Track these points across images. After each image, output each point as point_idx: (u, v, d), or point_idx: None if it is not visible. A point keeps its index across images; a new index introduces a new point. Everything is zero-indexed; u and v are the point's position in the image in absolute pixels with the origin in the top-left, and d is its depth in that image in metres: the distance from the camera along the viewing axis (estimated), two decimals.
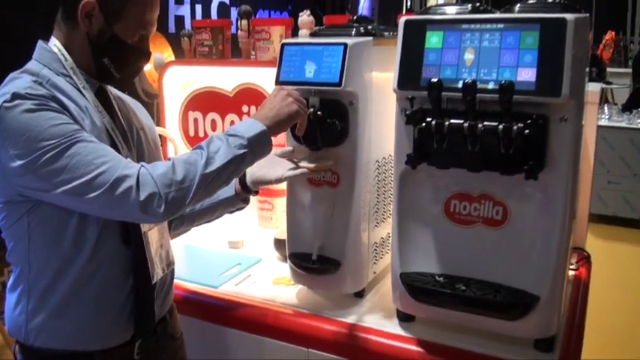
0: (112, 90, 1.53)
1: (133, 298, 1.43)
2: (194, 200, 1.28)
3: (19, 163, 1.22)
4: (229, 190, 1.66)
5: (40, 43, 1.41)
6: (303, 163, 1.55)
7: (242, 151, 1.31)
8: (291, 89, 1.44)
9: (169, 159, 1.30)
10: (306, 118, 1.46)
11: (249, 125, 1.35)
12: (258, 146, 1.34)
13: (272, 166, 1.59)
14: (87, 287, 1.36)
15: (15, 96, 1.23)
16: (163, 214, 1.25)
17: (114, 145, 1.36)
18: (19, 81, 1.29)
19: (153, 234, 1.46)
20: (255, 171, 1.62)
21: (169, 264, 1.55)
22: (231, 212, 1.73)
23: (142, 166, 1.26)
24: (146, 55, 1.46)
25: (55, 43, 1.39)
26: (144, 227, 1.43)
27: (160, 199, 1.23)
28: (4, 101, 1.23)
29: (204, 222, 1.75)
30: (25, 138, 1.21)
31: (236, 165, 1.32)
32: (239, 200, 1.68)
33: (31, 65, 1.36)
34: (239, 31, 2.40)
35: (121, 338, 1.43)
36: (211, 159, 1.28)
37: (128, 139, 1.45)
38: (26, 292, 1.37)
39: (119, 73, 1.42)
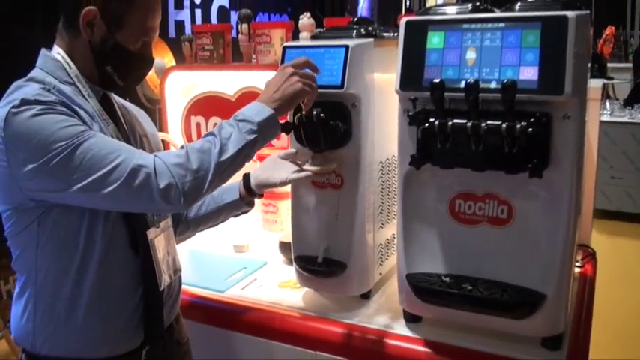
0: (116, 98, 1.53)
1: (142, 305, 1.43)
2: (210, 189, 1.29)
3: (30, 167, 1.22)
4: (234, 194, 1.66)
5: (44, 51, 1.41)
6: (306, 166, 1.56)
7: (253, 136, 1.31)
8: (297, 62, 1.43)
9: (182, 147, 1.31)
10: (314, 92, 1.43)
11: (257, 109, 1.34)
12: (267, 130, 1.34)
13: (276, 169, 1.60)
14: (95, 294, 1.36)
15: (23, 102, 1.24)
16: (184, 204, 1.26)
17: None
18: (26, 88, 1.29)
19: (159, 241, 1.46)
20: (259, 174, 1.63)
21: (176, 270, 1.56)
22: (236, 216, 1.73)
23: (156, 156, 1.26)
24: (149, 62, 1.46)
25: (58, 52, 1.39)
26: (150, 234, 1.43)
27: (177, 189, 1.23)
28: (13, 106, 1.23)
29: (209, 226, 1.75)
30: (35, 141, 1.21)
31: (249, 150, 1.32)
32: (244, 204, 1.68)
33: (36, 73, 1.36)
34: (240, 35, 2.41)
35: (128, 345, 1.43)
36: (224, 146, 1.28)
37: (130, 144, 1.44)
38: (33, 300, 1.38)
39: (122, 80, 1.42)
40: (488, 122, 1.29)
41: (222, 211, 1.70)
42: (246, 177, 1.67)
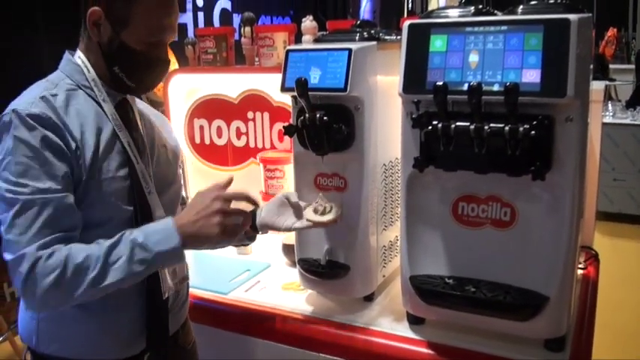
0: (140, 105, 1.53)
1: (145, 313, 1.43)
2: (74, 304, 1.28)
3: None
4: None
5: (66, 54, 1.41)
6: (310, 214, 1.53)
7: (142, 267, 1.25)
8: (234, 195, 1.34)
9: (67, 253, 1.24)
10: (236, 234, 1.34)
11: (164, 235, 1.27)
12: (164, 262, 1.30)
13: (281, 213, 1.56)
14: (97, 300, 1.33)
15: (14, 113, 1.26)
16: (37, 310, 1.30)
17: (128, 160, 1.36)
18: (31, 93, 1.31)
19: None
20: (264, 216, 1.58)
21: (183, 279, 1.54)
22: (235, 246, 1.71)
23: (39, 258, 1.21)
24: (159, 63, 1.41)
25: (79, 55, 1.39)
26: None
27: (36, 299, 1.23)
28: (5, 114, 1.28)
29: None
30: (1, 159, 1.26)
31: (131, 280, 1.27)
32: (245, 237, 1.63)
33: (54, 75, 1.38)
34: (242, 38, 2.41)
35: (131, 350, 1.43)
36: (104, 273, 1.23)
37: (146, 154, 1.44)
38: None
39: (132, 81, 1.39)
40: (491, 125, 1.30)
41: None
42: (253, 214, 1.61)
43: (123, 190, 1.36)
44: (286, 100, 2.24)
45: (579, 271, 1.82)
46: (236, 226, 1.33)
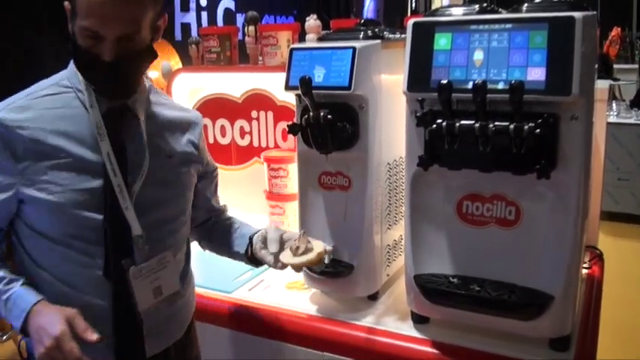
0: (160, 108, 1.46)
1: (117, 332, 1.37)
2: None
3: None
4: (242, 246, 1.61)
5: None
6: (284, 255, 1.48)
7: None
8: (68, 349, 1.16)
9: None
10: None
11: (18, 311, 1.26)
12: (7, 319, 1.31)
13: (267, 246, 1.53)
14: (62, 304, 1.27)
15: None
16: None
17: (103, 170, 1.31)
18: (18, 95, 1.34)
19: (146, 267, 1.38)
20: (257, 250, 1.55)
21: (171, 296, 1.45)
22: (246, 264, 1.67)
23: None
24: (97, 63, 1.25)
25: None
26: (127, 264, 1.35)
27: None
28: None
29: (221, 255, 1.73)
30: None
31: None
32: (248, 260, 1.63)
33: (57, 75, 1.38)
34: (246, 37, 2.41)
35: None
36: None
37: (137, 165, 1.36)
38: None
39: (87, 80, 1.32)
40: (496, 123, 1.29)
41: (232, 255, 1.67)
42: (250, 239, 1.61)
43: (90, 202, 1.30)
44: (290, 99, 2.23)
45: (584, 271, 1.81)
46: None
